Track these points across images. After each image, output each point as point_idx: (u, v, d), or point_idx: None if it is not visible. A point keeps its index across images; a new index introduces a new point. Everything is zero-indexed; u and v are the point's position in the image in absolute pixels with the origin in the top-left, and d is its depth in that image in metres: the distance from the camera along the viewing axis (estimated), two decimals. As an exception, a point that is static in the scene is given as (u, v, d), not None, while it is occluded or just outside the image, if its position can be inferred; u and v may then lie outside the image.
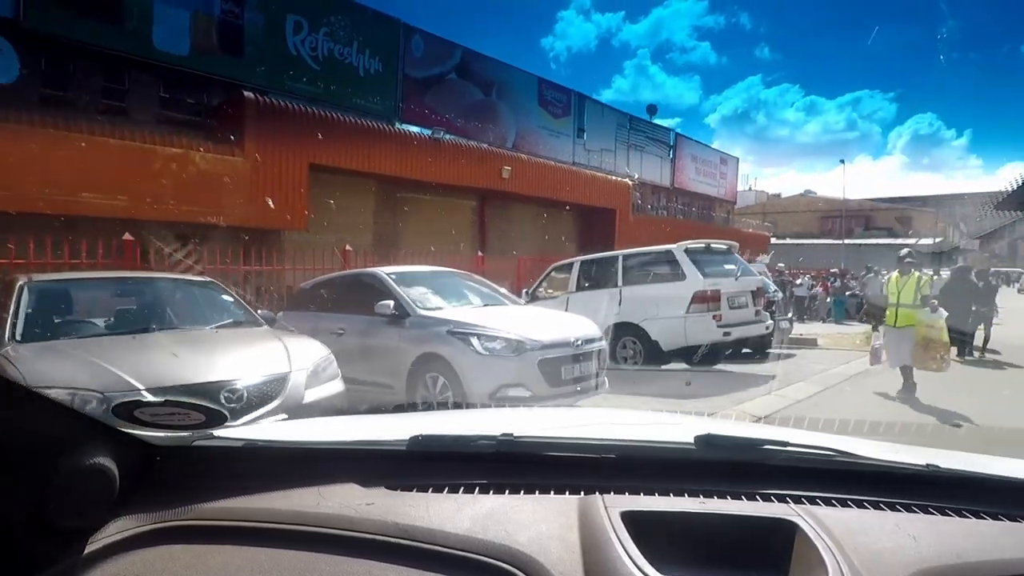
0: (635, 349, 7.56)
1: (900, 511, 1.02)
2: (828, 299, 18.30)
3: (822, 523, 0.94)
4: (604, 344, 5.36)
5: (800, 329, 14.00)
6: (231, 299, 4.66)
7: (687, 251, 7.50)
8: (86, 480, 0.88)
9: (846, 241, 42.40)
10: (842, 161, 44.88)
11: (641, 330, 7.44)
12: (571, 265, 8.46)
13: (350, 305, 5.54)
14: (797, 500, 1.01)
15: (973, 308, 9.60)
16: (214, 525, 0.94)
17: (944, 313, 6.51)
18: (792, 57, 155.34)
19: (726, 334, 7.23)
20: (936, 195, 68.36)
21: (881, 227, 48.60)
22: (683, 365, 7.58)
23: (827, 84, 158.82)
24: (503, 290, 6.42)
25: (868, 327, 12.90)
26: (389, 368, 5.00)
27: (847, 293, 18.82)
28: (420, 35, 17.06)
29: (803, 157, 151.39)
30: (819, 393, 6.85)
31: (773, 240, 41.82)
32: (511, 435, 1.11)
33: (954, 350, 9.75)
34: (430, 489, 1.03)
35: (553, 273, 8.86)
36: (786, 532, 0.93)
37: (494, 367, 4.60)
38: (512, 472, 1.08)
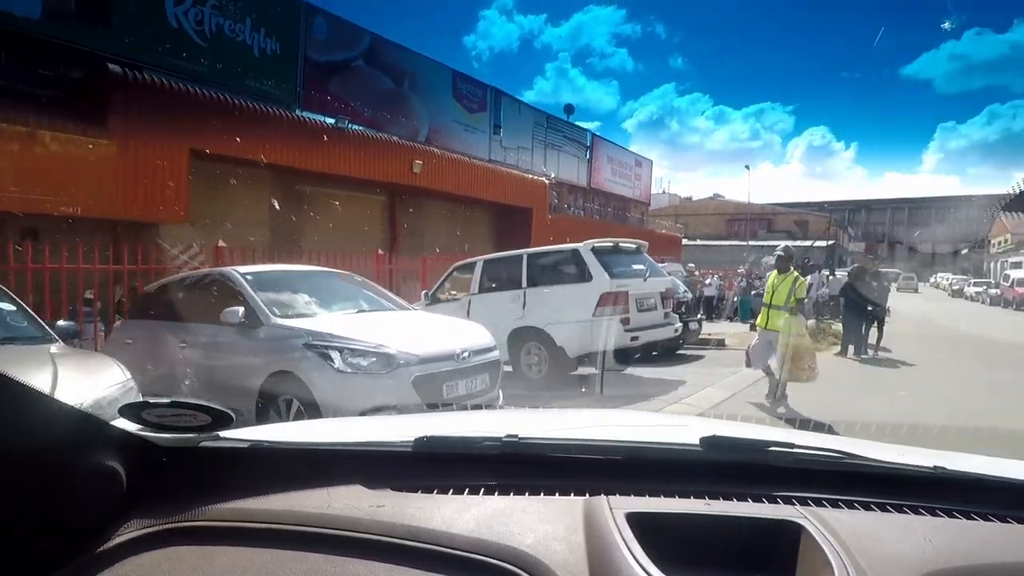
0: (540, 356, 7.03)
1: (907, 513, 1.02)
2: (735, 298, 18.75)
3: (828, 525, 0.93)
4: (497, 355, 4.79)
5: (708, 329, 14.14)
6: (12, 307, 3.68)
7: (594, 250, 7.01)
8: (93, 481, 0.90)
9: (751, 243, 44.48)
10: (747, 167, 47.33)
11: (546, 335, 6.90)
12: (474, 265, 7.80)
13: (196, 312, 4.64)
14: (803, 502, 1.01)
15: (869, 308, 9.87)
16: (220, 526, 0.94)
17: (804, 320, 6.26)
18: (703, 68, 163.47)
19: (634, 338, 6.80)
20: (832, 200, 73.80)
21: (781, 230, 51.43)
22: (592, 370, 7.16)
23: (734, 95, 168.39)
24: (389, 293, 5.72)
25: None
26: (235, 390, 4.10)
27: (752, 292, 19.41)
28: (324, 16, 15.89)
29: (712, 163, 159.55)
30: (729, 399, 6.63)
31: (685, 241, 43.31)
32: (516, 436, 1.11)
33: (851, 349, 10.07)
34: (435, 490, 1.03)
35: (455, 274, 8.17)
36: (792, 534, 0.93)
37: (358, 387, 3.83)
38: (517, 473, 1.08)
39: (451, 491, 1.03)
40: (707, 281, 19.19)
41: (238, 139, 12.25)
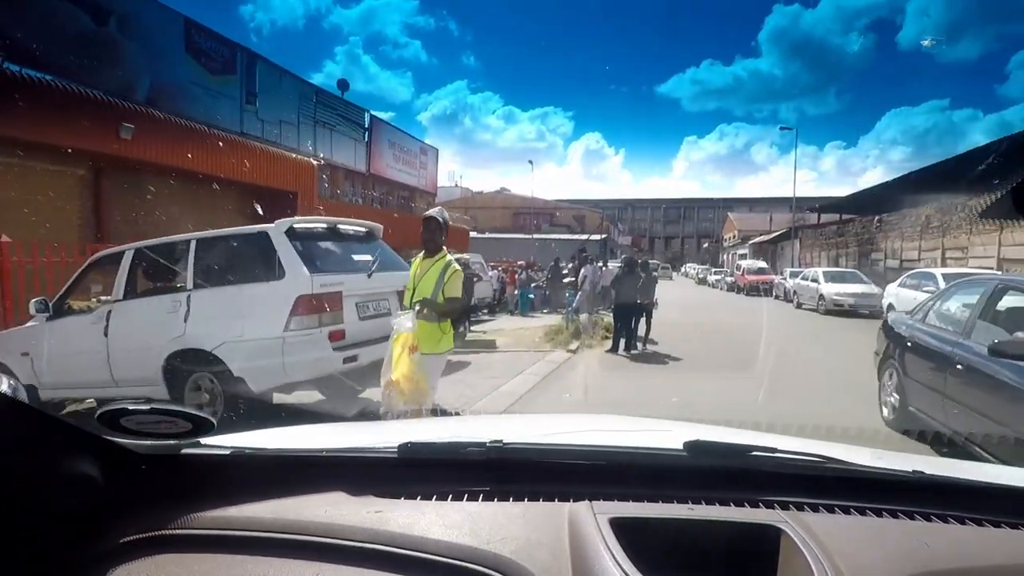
0: (213, 394, 4.56)
1: (886, 517, 1.03)
2: (515, 292, 18.24)
3: (809, 529, 0.94)
4: None
5: (485, 326, 13.12)
6: None
7: (292, 233, 4.74)
8: (68, 490, 0.88)
9: (535, 236, 46.07)
10: (530, 162, 48.77)
11: (217, 361, 4.51)
12: (121, 256, 5.15)
13: None
14: (785, 506, 1.02)
15: (638, 300, 9.50)
16: (202, 534, 0.93)
17: (408, 324, 3.65)
18: (493, 68, 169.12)
19: (350, 359, 4.60)
20: (605, 199, 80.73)
21: (562, 224, 54.53)
22: (317, 396, 5.25)
23: (522, 97, 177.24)
24: None
25: (553, 320, 12.78)
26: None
27: (532, 285, 19.11)
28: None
29: (503, 161, 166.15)
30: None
31: (473, 234, 43.23)
32: (501, 442, 1.10)
33: (622, 343, 9.63)
34: (419, 497, 1.03)
35: (93, 271, 5.52)
36: (773, 538, 0.94)
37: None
38: (502, 479, 1.07)
39: (435, 498, 1.03)
40: (488, 274, 18.36)
41: None
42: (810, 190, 68.95)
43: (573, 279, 13.74)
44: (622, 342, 9.49)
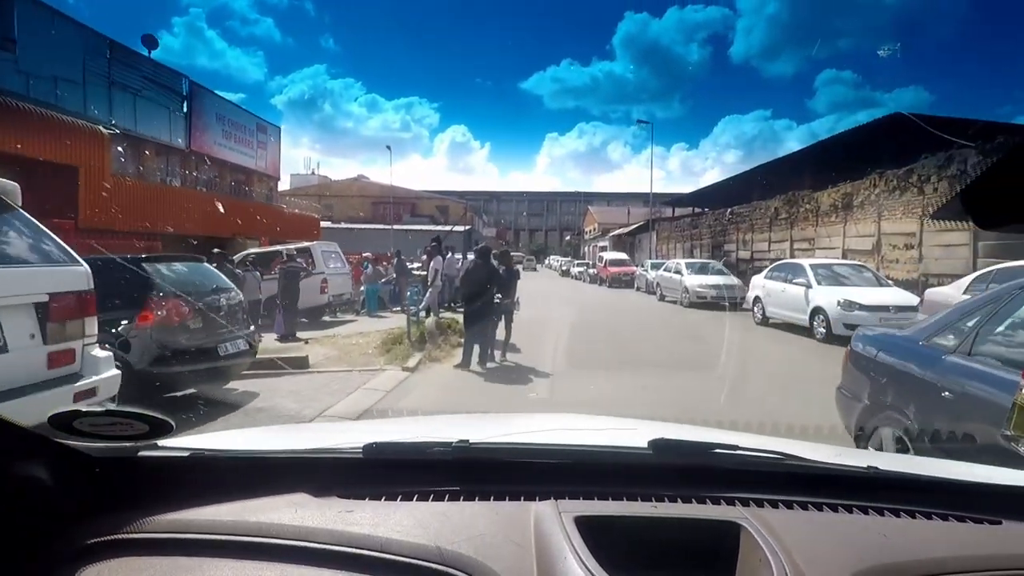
0: None
1: (843, 512, 1.06)
2: (361, 288, 15.77)
3: (768, 524, 0.96)
4: None
5: (333, 330, 10.62)
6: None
7: None
8: (19, 495, 0.86)
9: (395, 226, 43.20)
10: (388, 148, 45.58)
11: None
12: None
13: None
14: (745, 503, 1.04)
15: (496, 300, 7.63)
16: (160, 538, 0.91)
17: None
18: (355, 53, 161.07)
19: None
20: (470, 191, 79.24)
21: (425, 215, 52.11)
22: None
23: (386, 86, 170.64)
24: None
25: (399, 324, 10.63)
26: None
27: (382, 281, 16.76)
28: None
29: (367, 150, 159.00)
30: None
31: (327, 224, 39.61)
32: (467, 442, 1.10)
33: (475, 356, 7.69)
34: (383, 497, 1.02)
35: None
36: (734, 534, 0.95)
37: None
38: (468, 479, 1.07)
39: (400, 498, 1.02)
40: (330, 267, 15.67)
41: None
42: (660, 187, 73.05)
43: (424, 273, 11.73)
44: (475, 354, 7.57)
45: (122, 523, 0.91)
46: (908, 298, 10.20)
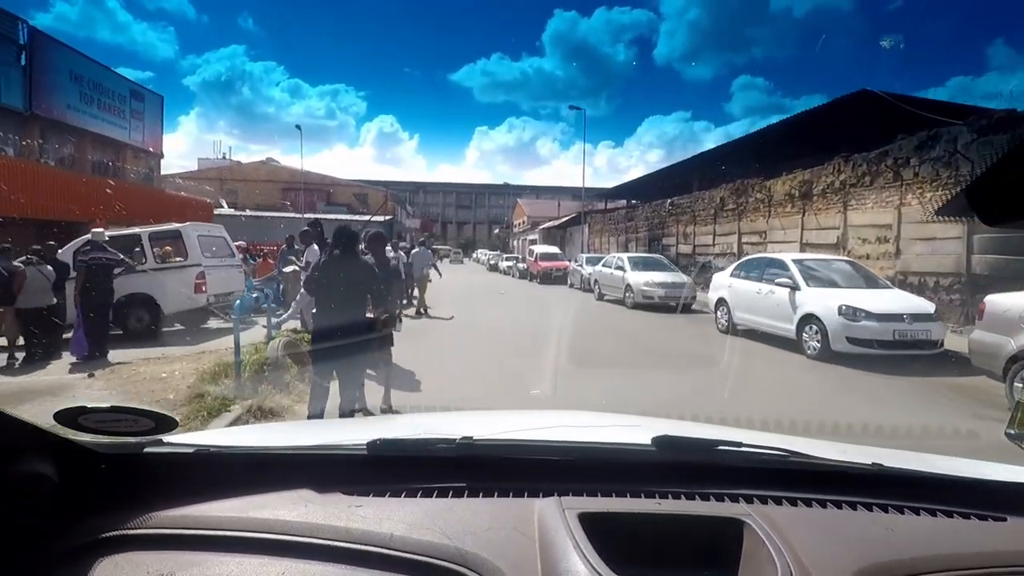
0: None
1: (846, 509, 1.05)
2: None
3: (772, 521, 0.95)
4: None
5: (180, 347, 7.46)
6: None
7: None
8: (25, 490, 0.85)
9: (307, 215, 39.04)
10: (298, 127, 40.83)
11: None
12: None
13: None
14: (749, 500, 1.03)
15: (368, 316, 4.79)
16: (164, 533, 0.91)
17: None
18: (277, 36, 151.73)
19: None
20: (395, 181, 74.87)
21: (341, 203, 47.89)
22: None
23: (310, 71, 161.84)
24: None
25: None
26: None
27: (265, 277, 13.46)
28: None
29: (289, 138, 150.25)
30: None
31: (229, 212, 35.24)
32: (471, 439, 1.10)
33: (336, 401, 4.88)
34: (388, 494, 1.02)
35: None
36: (737, 531, 0.94)
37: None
38: (472, 475, 1.07)
39: (404, 494, 1.02)
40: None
41: None
42: (588, 183, 71.43)
43: (297, 267, 8.75)
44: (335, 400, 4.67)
45: (127, 519, 0.91)
46: (922, 305, 8.10)
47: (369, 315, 4.28)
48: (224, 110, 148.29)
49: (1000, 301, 5.92)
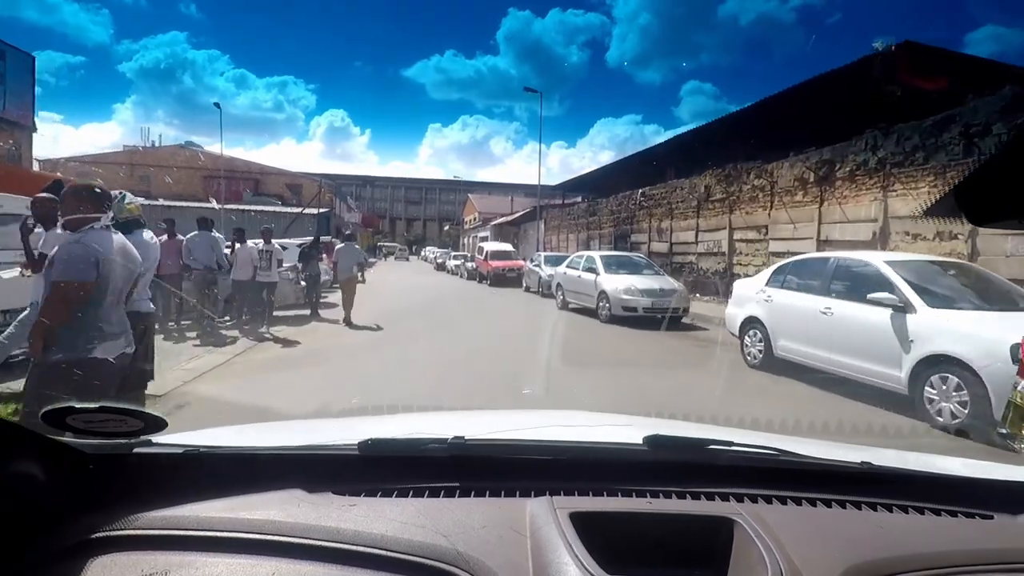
0: None
1: (836, 507, 1.05)
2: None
3: (762, 520, 0.95)
4: None
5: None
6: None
7: None
8: (12, 491, 0.84)
9: (229, 205, 34.17)
10: (216, 105, 35.42)
11: None
12: None
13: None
14: (740, 499, 1.03)
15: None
16: (153, 534, 0.89)
17: None
18: (220, 24, 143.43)
19: None
20: (342, 175, 69.41)
21: (271, 193, 42.98)
22: None
23: (256, 62, 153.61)
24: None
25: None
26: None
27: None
28: None
29: (236, 130, 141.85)
30: None
31: (138, 200, 30.05)
32: (462, 438, 1.09)
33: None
34: (379, 493, 1.01)
35: None
36: (728, 530, 0.94)
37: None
38: (463, 475, 1.06)
39: (396, 494, 1.01)
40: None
41: None
42: (542, 182, 67.75)
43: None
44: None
45: (116, 519, 0.90)
46: None
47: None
48: (163, 99, 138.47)
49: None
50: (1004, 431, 2.65)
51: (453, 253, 38.62)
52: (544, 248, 28.55)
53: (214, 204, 34.06)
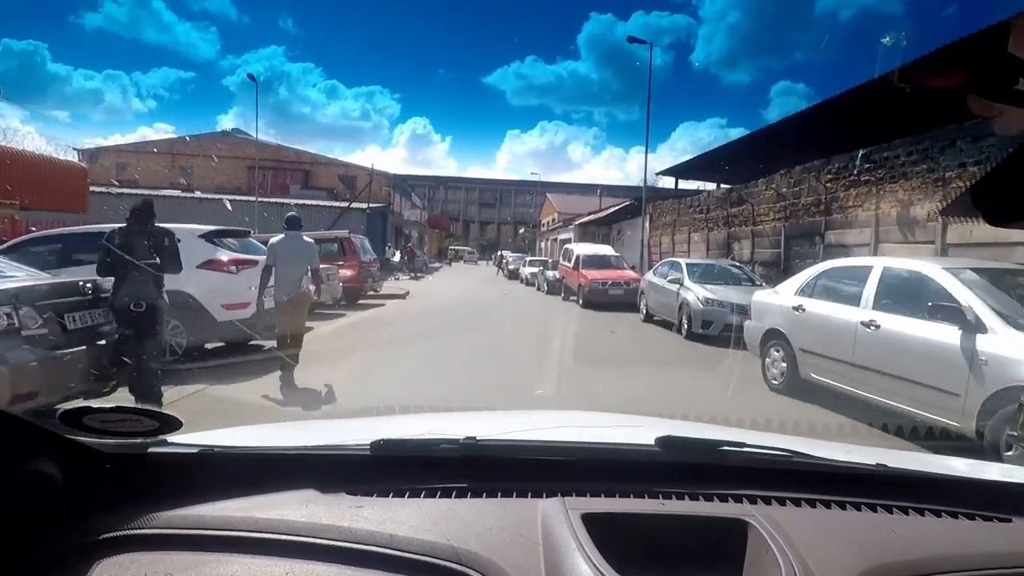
0: None
1: (851, 509, 1.04)
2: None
3: (776, 522, 0.94)
4: None
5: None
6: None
7: None
8: (27, 490, 0.85)
9: (262, 200, 28.64)
10: (250, 76, 29.92)
11: None
12: None
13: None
14: (753, 500, 1.03)
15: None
16: (169, 534, 0.90)
17: None
18: (315, 37, 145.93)
19: None
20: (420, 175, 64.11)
21: (322, 187, 37.52)
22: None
23: (346, 73, 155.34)
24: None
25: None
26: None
27: None
28: None
29: (325, 137, 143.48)
30: None
31: (173, 193, 25.68)
32: (474, 439, 1.10)
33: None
34: (392, 494, 1.01)
35: None
36: (741, 531, 0.94)
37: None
38: (476, 476, 1.06)
39: (408, 494, 1.01)
40: None
41: None
42: (618, 189, 59.22)
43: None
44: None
45: (131, 519, 0.91)
46: None
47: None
48: (262, 110, 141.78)
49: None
50: (1015, 433, 2.58)
51: (528, 258, 31.12)
52: (649, 254, 20.89)
53: (247, 197, 28.68)
